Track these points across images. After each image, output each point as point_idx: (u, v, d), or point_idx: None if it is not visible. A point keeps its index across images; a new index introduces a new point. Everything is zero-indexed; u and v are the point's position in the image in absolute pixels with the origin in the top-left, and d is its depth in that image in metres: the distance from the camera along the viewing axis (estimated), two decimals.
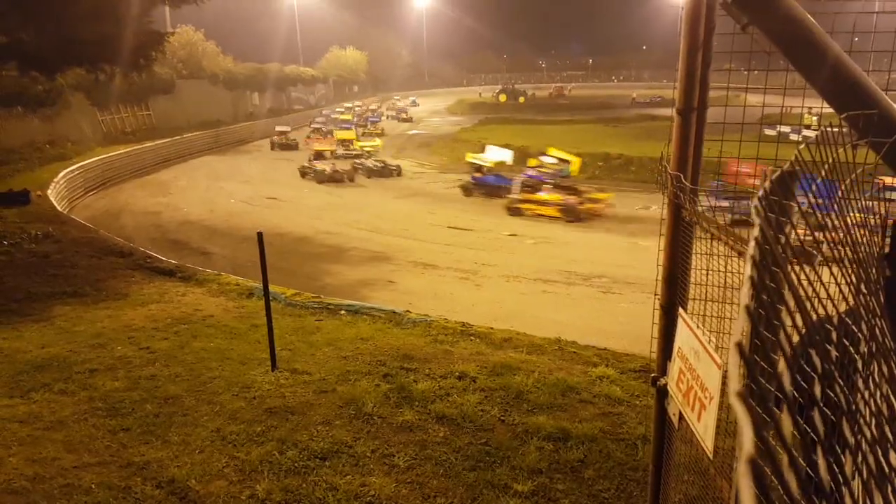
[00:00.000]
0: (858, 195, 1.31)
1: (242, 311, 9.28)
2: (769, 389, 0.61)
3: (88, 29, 13.62)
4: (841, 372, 0.88)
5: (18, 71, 16.68)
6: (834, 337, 0.92)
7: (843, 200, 1.21)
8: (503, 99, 69.24)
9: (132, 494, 4.60)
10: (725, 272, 2.41)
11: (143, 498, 4.56)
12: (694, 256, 2.75)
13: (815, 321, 0.87)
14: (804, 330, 0.80)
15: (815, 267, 1.00)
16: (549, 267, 13.77)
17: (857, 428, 0.81)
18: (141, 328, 8.35)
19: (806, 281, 0.91)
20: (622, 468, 4.95)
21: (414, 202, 22.64)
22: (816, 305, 0.91)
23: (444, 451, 5.18)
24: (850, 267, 1.09)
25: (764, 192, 1.03)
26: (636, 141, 30.19)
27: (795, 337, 0.77)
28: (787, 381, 0.62)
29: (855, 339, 1.01)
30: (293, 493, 4.60)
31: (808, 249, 1.10)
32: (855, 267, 1.12)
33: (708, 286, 2.57)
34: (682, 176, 2.78)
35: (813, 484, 0.58)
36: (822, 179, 1.18)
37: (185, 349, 7.52)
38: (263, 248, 6.77)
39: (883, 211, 1.59)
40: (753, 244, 0.75)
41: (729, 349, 2.32)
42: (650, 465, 3.45)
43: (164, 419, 5.72)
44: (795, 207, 1.20)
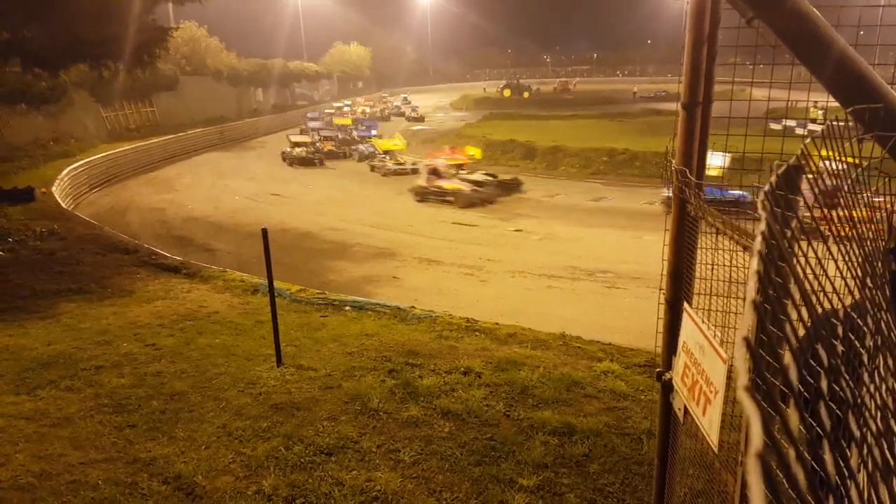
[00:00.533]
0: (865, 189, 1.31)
1: (247, 307, 9.31)
2: (775, 384, 0.62)
3: (92, 26, 13.64)
4: (847, 366, 0.88)
5: (22, 68, 16.70)
6: (840, 331, 0.92)
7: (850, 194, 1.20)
8: (507, 94, 68.97)
9: (139, 490, 4.62)
10: (730, 266, 2.41)
11: (149, 494, 4.58)
12: (699, 251, 2.75)
13: (820, 315, 0.87)
14: (810, 324, 0.80)
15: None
16: (553, 262, 13.75)
17: (862, 421, 0.81)
18: (146, 325, 8.38)
19: (812, 275, 0.91)
20: (627, 462, 4.96)
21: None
22: (822, 300, 0.91)
23: (449, 446, 5.19)
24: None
25: (770, 186, 1.03)
26: (641, 136, 30.05)
27: (802, 331, 0.77)
28: (793, 375, 0.62)
29: (860, 332, 1.01)
30: (299, 488, 4.62)
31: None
32: (861, 255, 1.12)
33: (713, 281, 2.57)
34: (687, 170, 2.77)
35: (819, 477, 0.59)
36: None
37: (190, 346, 7.55)
38: (268, 244, 6.79)
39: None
40: (760, 239, 0.75)
41: (734, 344, 2.32)
42: (655, 459, 3.46)
43: (170, 415, 5.75)
44: (801, 201, 1.20)
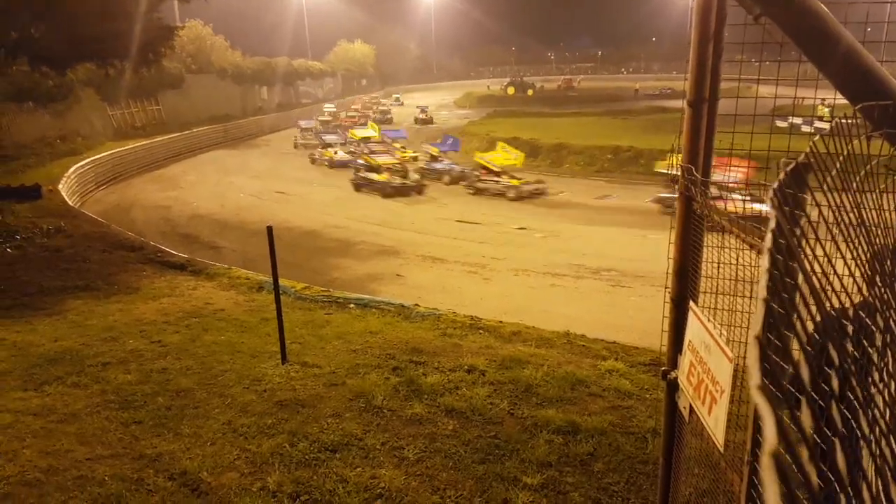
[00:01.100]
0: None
1: (253, 304, 9.33)
2: (787, 384, 0.61)
3: (98, 25, 13.70)
4: (856, 364, 0.87)
5: (29, 66, 16.80)
6: (849, 329, 0.92)
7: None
8: (511, 92, 68.91)
9: (145, 486, 4.64)
10: (737, 265, 2.40)
11: (155, 490, 4.60)
12: (705, 249, 2.74)
13: (830, 314, 0.87)
14: (821, 322, 0.80)
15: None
16: (557, 260, 13.74)
17: (872, 418, 0.80)
18: (152, 322, 8.41)
19: (821, 272, 0.91)
20: (632, 461, 4.95)
21: (420, 196, 22.63)
22: (832, 297, 0.91)
23: (453, 444, 5.19)
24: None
25: (779, 184, 1.02)
26: (645, 134, 30.01)
27: (812, 329, 0.76)
28: (805, 375, 0.62)
29: (870, 331, 1.01)
30: (304, 485, 4.63)
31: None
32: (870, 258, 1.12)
33: (719, 279, 2.56)
34: (693, 168, 2.76)
35: (831, 475, 0.58)
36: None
37: (196, 342, 7.57)
38: (273, 242, 6.80)
39: None
40: (770, 236, 0.75)
41: (740, 343, 2.31)
42: (660, 458, 3.45)
43: (175, 412, 5.77)
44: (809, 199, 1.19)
